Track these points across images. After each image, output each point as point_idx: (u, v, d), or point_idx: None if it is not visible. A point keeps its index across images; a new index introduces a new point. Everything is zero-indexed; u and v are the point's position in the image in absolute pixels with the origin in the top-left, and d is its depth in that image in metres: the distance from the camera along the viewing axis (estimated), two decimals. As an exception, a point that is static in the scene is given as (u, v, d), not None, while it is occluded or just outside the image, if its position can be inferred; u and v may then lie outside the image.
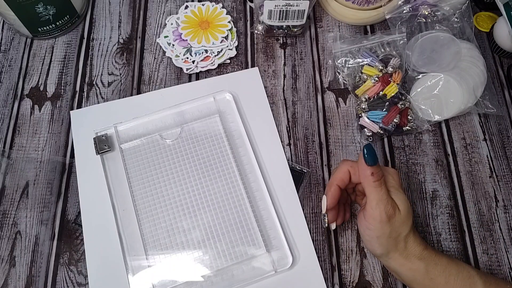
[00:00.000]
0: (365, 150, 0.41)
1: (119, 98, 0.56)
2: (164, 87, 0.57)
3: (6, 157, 0.53)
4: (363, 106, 0.54)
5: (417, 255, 0.41)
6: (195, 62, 0.57)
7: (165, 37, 0.59)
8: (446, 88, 0.53)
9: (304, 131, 0.55)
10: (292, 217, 0.50)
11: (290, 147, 0.54)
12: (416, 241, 0.42)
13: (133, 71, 0.58)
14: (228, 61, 0.59)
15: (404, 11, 0.58)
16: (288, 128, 0.55)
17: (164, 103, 0.55)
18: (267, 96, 0.57)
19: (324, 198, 0.45)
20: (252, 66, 0.59)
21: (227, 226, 0.49)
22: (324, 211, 0.45)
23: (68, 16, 0.58)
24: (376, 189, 0.41)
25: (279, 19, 0.57)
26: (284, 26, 0.59)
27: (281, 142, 0.54)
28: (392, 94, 0.54)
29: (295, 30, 0.59)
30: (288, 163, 0.53)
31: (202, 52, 0.57)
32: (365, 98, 0.54)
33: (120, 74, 0.58)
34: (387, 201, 0.41)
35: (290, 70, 0.59)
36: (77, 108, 0.56)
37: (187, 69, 0.57)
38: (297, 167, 0.53)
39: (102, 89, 0.57)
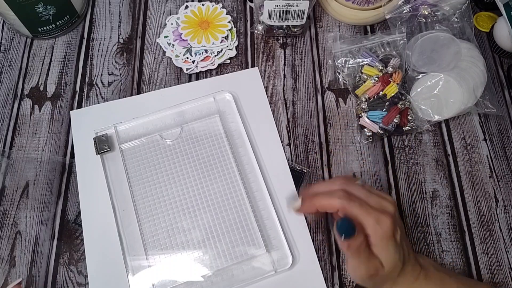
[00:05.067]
0: (338, 225, 0.37)
1: (119, 98, 0.56)
2: (164, 87, 0.57)
3: (6, 157, 0.53)
4: (363, 106, 0.54)
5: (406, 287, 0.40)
6: (195, 62, 0.57)
7: (165, 37, 0.59)
8: (446, 88, 0.53)
9: (304, 131, 0.55)
10: (292, 217, 0.50)
11: (290, 147, 0.54)
12: (405, 276, 0.39)
13: (133, 71, 0.58)
14: (228, 61, 0.59)
15: (404, 11, 0.58)
16: (288, 128, 0.55)
17: (164, 103, 0.55)
18: (267, 96, 0.57)
19: (299, 201, 0.41)
20: (252, 66, 0.59)
21: (227, 226, 0.49)
22: (294, 211, 0.42)
23: (68, 16, 0.58)
24: (355, 256, 0.38)
25: (279, 19, 0.57)
26: (284, 26, 0.59)
27: (281, 142, 0.54)
28: (392, 94, 0.54)
29: (295, 30, 0.59)
30: (288, 163, 0.53)
31: (202, 52, 0.57)
32: (365, 98, 0.54)
33: (120, 74, 0.58)
34: (367, 264, 0.37)
35: (290, 70, 0.59)
36: (77, 108, 0.56)
37: (187, 69, 0.57)
38: (297, 167, 0.53)
39: (102, 89, 0.57)
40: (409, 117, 0.54)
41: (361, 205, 0.38)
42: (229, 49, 0.58)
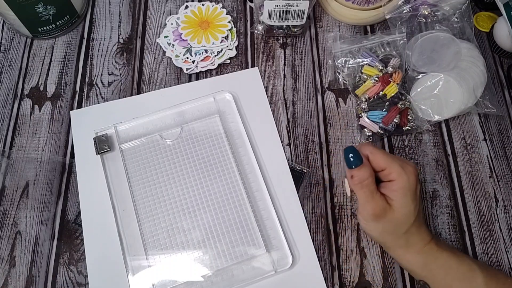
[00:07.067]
0: (345, 153, 0.40)
1: (119, 98, 0.56)
2: (164, 87, 0.57)
3: (6, 157, 0.53)
4: (363, 106, 0.54)
5: (417, 249, 0.41)
6: (195, 62, 0.57)
7: (165, 37, 0.59)
8: (446, 88, 0.53)
9: (304, 131, 0.55)
10: (292, 217, 0.50)
11: (290, 147, 0.54)
12: (419, 236, 0.41)
13: (133, 71, 0.58)
14: (228, 61, 0.59)
15: (404, 11, 0.58)
16: (288, 128, 0.55)
17: (164, 103, 0.55)
18: (267, 96, 0.57)
19: (346, 181, 0.43)
20: (252, 66, 0.59)
21: (227, 226, 0.49)
22: (348, 194, 0.44)
23: (68, 16, 0.58)
24: (359, 191, 0.40)
25: (279, 19, 0.57)
26: (284, 26, 0.59)
27: (281, 142, 0.54)
28: (392, 94, 0.54)
29: (295, 30, 0.59)
30: (288, 163, 0.53)
31: (202, 52, 0.57)
32: (365, 98, 0.54)
33: (120, 74, 0.58)
34: (374, 203, 0.40)
35: (290, 70, 0.59)
36: (77, 108, 0.56)
37: (187, 69, 0.57)
38: (297, 167, 0.53)
39: (102, 89, 0.57)
40: (409, 117, 0.54)
41: (385, 153, 0.41)
42: (229, 49, 0.58)
